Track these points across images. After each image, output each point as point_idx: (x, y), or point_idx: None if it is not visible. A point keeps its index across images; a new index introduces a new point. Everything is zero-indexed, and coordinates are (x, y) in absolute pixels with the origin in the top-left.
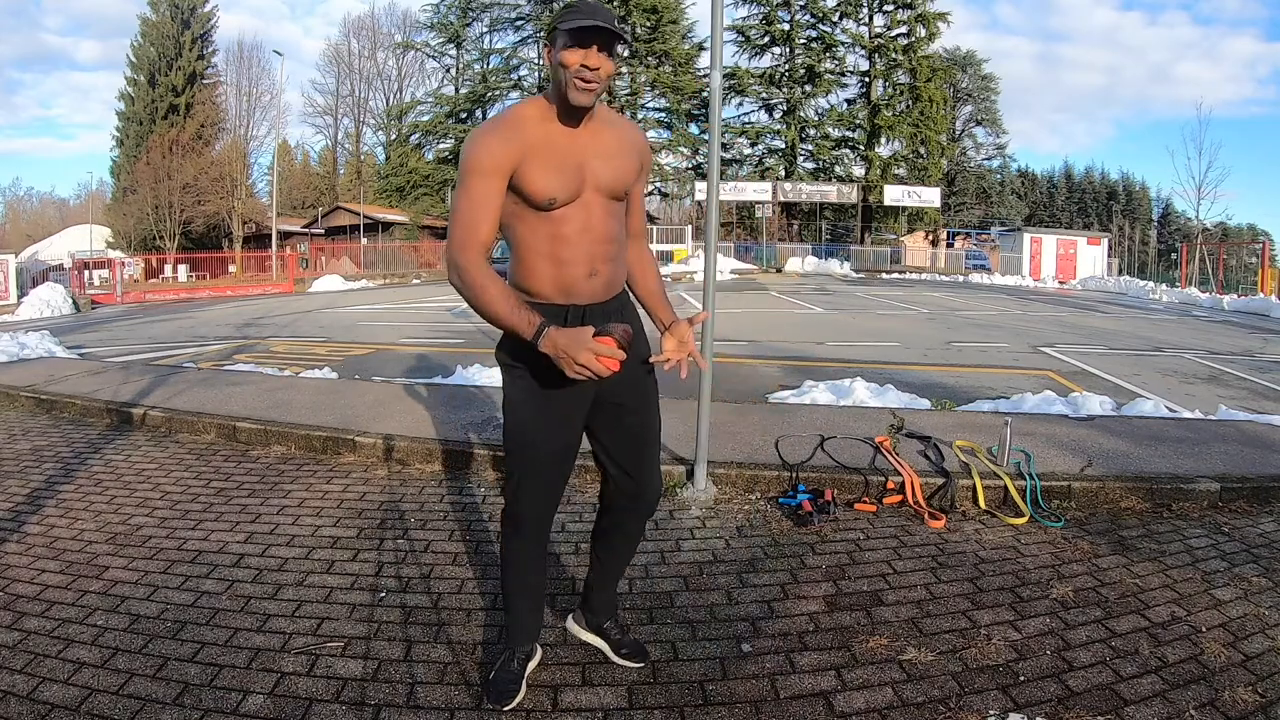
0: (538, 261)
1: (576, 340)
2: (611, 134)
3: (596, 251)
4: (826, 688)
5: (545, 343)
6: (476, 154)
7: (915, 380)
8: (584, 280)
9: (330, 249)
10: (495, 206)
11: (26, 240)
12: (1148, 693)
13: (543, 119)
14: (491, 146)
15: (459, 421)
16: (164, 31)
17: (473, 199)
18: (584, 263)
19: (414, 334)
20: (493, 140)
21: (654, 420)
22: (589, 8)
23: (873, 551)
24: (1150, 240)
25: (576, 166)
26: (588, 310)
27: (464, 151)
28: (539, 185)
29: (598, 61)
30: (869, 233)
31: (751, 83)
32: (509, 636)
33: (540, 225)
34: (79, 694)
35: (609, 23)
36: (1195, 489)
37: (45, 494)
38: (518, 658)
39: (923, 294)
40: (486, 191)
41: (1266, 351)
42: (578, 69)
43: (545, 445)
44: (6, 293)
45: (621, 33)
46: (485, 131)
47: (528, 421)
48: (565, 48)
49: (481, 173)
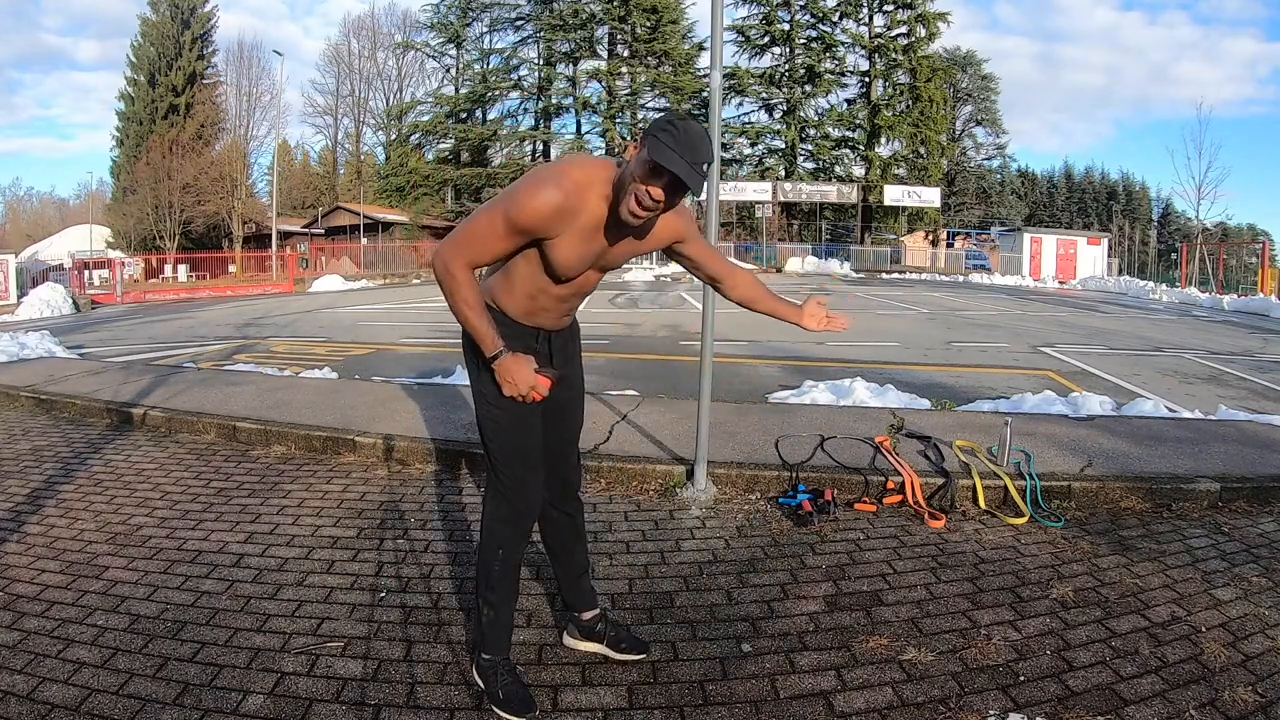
0: (522, 295)
1: (524, 373)
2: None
3: (572, 304)
4: (826, 688)
5: (500, 365)
6: (531, 206)
7: (915, 380)
8: (555, 319)
9: (330, 249)
10: (509, 249)
11: (26, 240)
12: (1148, 693)
13: (603, 197)
14: (545, 211)
15: (459, 421)
16: (164, 31)
17: (496, 233)
18: (556, 315)
19: (414, 334)
20: (549, 206)
21: (580, 415)
22: (689, 141)
23: (873, 551)
24: (1150, 240)
25: (596, 252)
26: (554, 335)
27: (525, 188)
28: (559, 262)
29: (660, 196)
30: (869, 233)
31: (751, 83)
32: (497, 646)
33: (539, 275)
34: (79, 694)
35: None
36: (1195, 489)
37: (45, 494)
38: (510, 665)
39: (923, 294)
40: (513, 239)
41: (1266, 351)
42: (643, 194)
43: (528, 438)
44: (6, 293)
45: (698, 191)
46: (552, 188)
47: (512, 415)
48: (642, 168)
49: (520, 222)
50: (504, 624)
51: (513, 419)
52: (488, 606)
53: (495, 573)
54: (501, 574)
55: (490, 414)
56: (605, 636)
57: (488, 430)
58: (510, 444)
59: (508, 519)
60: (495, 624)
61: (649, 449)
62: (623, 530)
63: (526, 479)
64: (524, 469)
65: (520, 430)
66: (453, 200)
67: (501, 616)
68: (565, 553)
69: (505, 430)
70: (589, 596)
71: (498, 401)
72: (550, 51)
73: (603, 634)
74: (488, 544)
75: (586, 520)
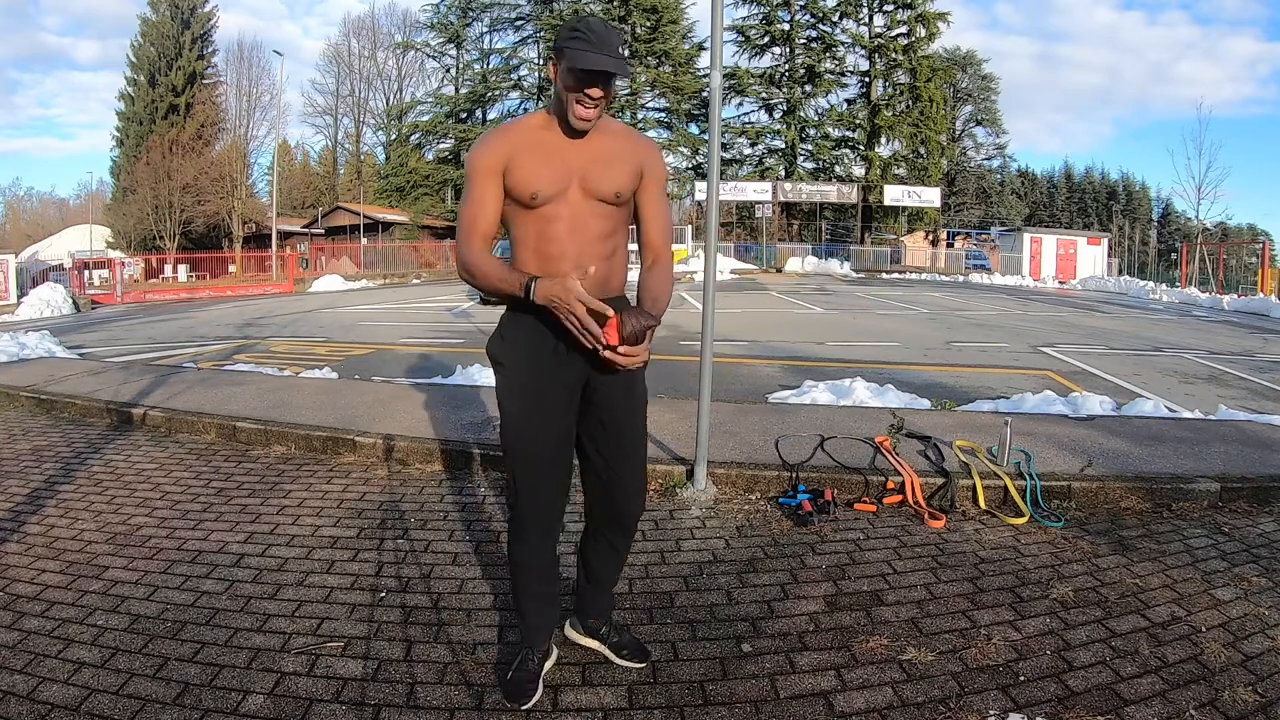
0: (528, 256)
1: (564, 286)
2: (610, 142)
3: (586, 250)
4: (826, 688)
5: (538, 295)
6: (473, 157)
7: (915, 380)
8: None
9: (330, 249)
10: (491, 203)
11: (26, 240)
12: (1148, 693)
13: (542, 127)
14: (485, 149)
15: (459, 421)
16: (164, 31)
17: (471, 197)
18: (571, 259)
19: (414, 334)
20: (488, 143)
21: (638, 432)
22: (597, 36)
23: (873, 551)
24: (1150, 240)
25: (564, 166)
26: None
27: (467, 156)
28: (522, 180)
29: (598, 93)
30: (869, 233)
31: (751, 83)
32: (524, 636)
33: (530, 222)
34: (79, 694)
35: (615, 62)
36: (1195, 489)
37: (45, 494)
38: (535, 656)
39: (923, 294)
40: (483, 190)
41: (1266, 351)
42: (579, 97)
43: (534, 442)
44: (6, 293)
45: (626, 73)
46: (484, 137)
47: (515, 416)
48: (569, 78)
49: (476, 173)
50: (523, 616)
51: (517, 419)
52: (513, 598)
53: (511, 570)
54: (514, 572)
55: (502, 411)
56: (608, 640)
57: (501, 428)
58: (514, 445)
59: (513, 519)
60: (519, 615)
61: (649, 449)
62: None
63: (530, 483)
64: (526, 471)
65: (523, 432)
66: (452, 200)
67: (520, 609)
68: (595, 573)
69: (509, 430)
70: (604, 608)
71: (505, 400)
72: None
73: (606, 636)
74: (508, 541)
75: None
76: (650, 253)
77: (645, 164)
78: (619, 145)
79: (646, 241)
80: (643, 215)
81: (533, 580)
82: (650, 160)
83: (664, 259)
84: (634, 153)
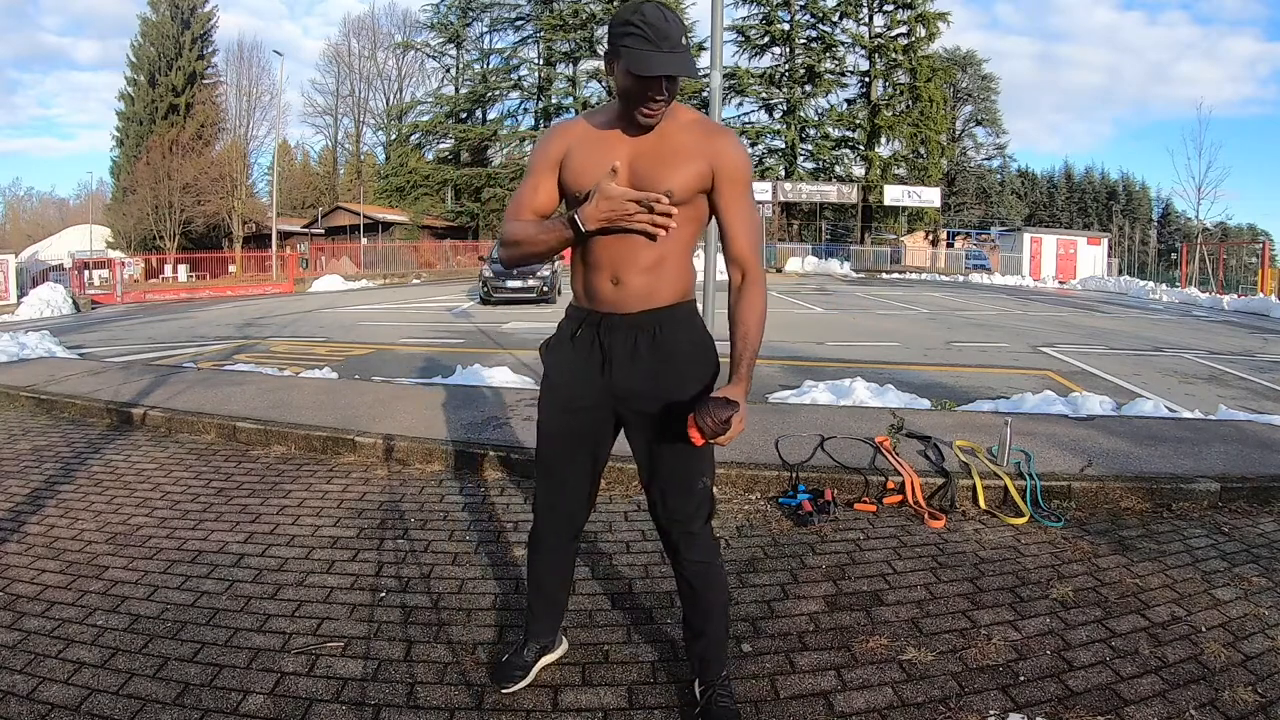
0: (577, 263)
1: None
2: (675, 135)
3: (621, 258)
4: (826, 688)
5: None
6: (535, 148)
7: (915, 380)
8: (606, 286)
9: (330, 249)
10: (543, 193)
11: (26, 240)
12: (1148, 693)
13: (606, 122)
14: (547, 140)
15: (459, 421)
16: (164, 31)
17: (524, 184)
18: (606, 268)
19: (414, 334)
20: (551, 134)
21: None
22: (655, 31)
23: (873, 551)
24: (1150, 240)
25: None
26: (604, 319)
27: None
28: (573, 177)
29: (663, 93)
30: (869, 233)
31: (751, 83)
32: (526, 628)
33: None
34: (79, 694)
35: (678, 62)
36: (1195, 489)
37: (45, 494)
38: (530, 649)
39: (923, 294)
40: (536, 180)
41: (1266, 351)
42: (644, 99)
43: (550, 439)
44: (6, 293)
45: (692, 73)
46: (552, 126)
47: (544, 424)
48: (627, 80)
49: (534, 164)
50: (528, 609)
51: (545, 426)
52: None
53: (527, 565)
54: (528, 568)
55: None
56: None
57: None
58: (539, 450)
59: (534, 521)
60: (526, 607)
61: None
62: (623, 530)
63: (548, 491)
64: (545, 478)
65: (545, 441)
66: (453, 200)
67: (527, 600)
68: (686, 607)
69: (538, 436)
70: (697, 663)
71: (539, 407)
72: (550, 51)
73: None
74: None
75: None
76: (736, 268)
77: (718, 161)
78: (684, 139)
79: (730, 254)
80: (721, 222)
81: (540, 577)
82: (724, 157)
83: (754, 275)
84: (703, 148)
